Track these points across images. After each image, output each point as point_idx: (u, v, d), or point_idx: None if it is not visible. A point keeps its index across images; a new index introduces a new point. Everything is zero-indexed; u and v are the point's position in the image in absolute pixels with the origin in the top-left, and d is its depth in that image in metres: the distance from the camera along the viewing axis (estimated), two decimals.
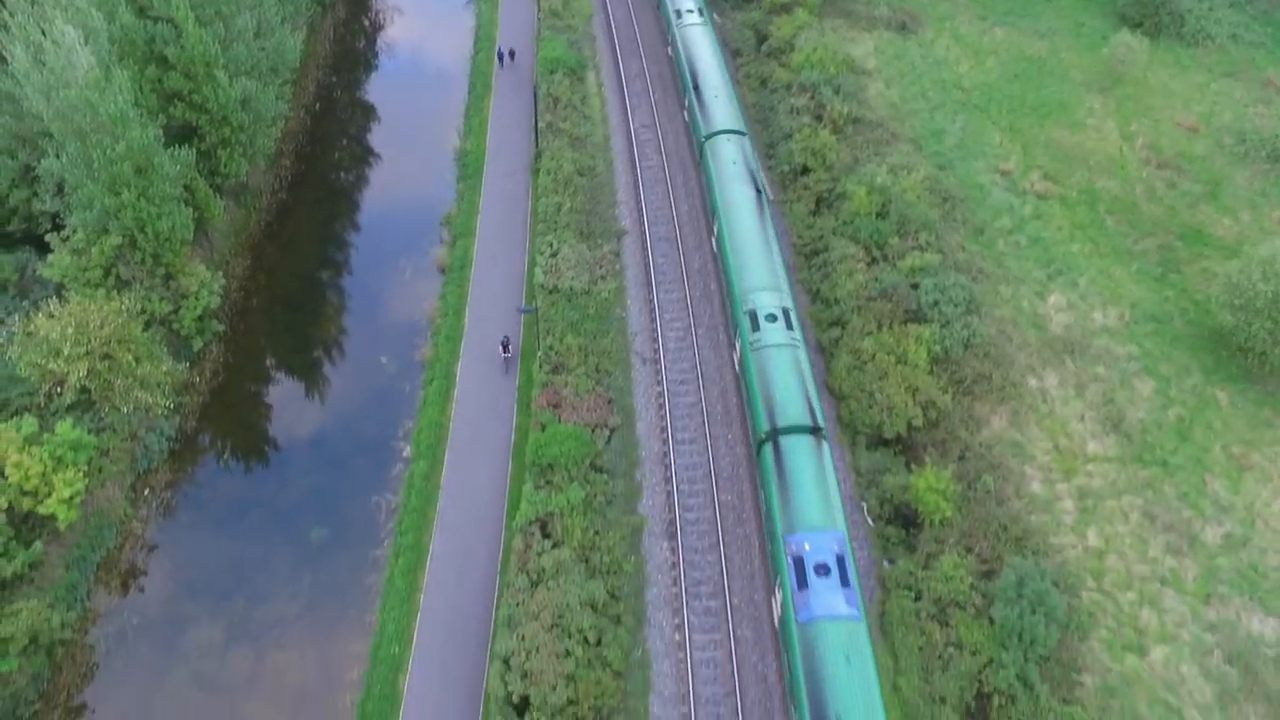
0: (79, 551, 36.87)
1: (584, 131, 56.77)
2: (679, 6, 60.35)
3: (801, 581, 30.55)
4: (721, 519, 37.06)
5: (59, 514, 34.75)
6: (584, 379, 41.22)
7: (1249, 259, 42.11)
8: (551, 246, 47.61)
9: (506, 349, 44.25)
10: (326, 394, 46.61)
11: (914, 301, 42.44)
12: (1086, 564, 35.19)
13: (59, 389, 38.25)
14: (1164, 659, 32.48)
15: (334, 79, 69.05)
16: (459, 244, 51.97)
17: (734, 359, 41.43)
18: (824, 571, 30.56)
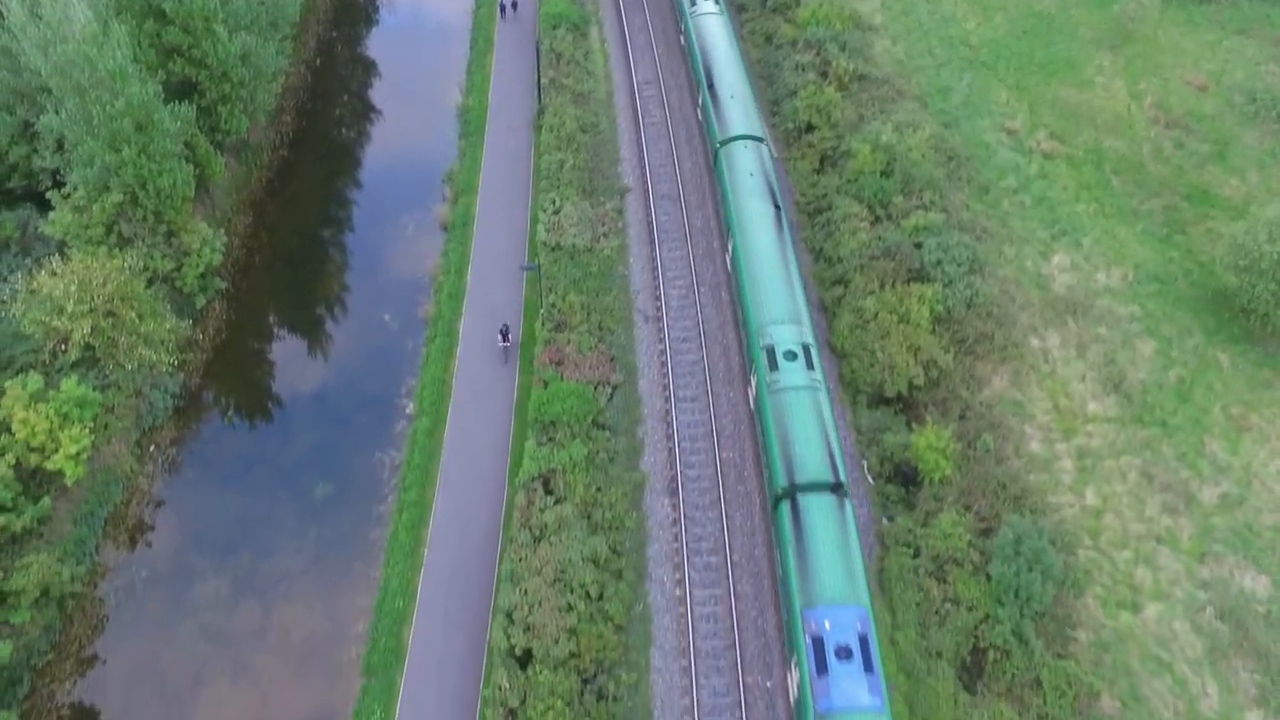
0: (87, 507, 37.34)
1: (587, 87, 56.25)
2: None
3: (821, 665, 28.27)
4: (723, 476, 37.39)
5: (66, 470, 35.14)
6: (586, 336, 41.34)
7: (1255, 220, 41.95)
8: (554, 204, 47.45)
9: (506, 337, 42.62)
10: (329, 351, 46.77)
11: (917, 261, 42.34)
12: (1084, 522, 35.55)
13: (63, 346, 38.45)
14: (1157, 615, 32.93)
15: (334, 34, 68.26)
16: (461, 201, 51.77)
17: (749, 397, 38.70)
18: (846, 655, 28.36)
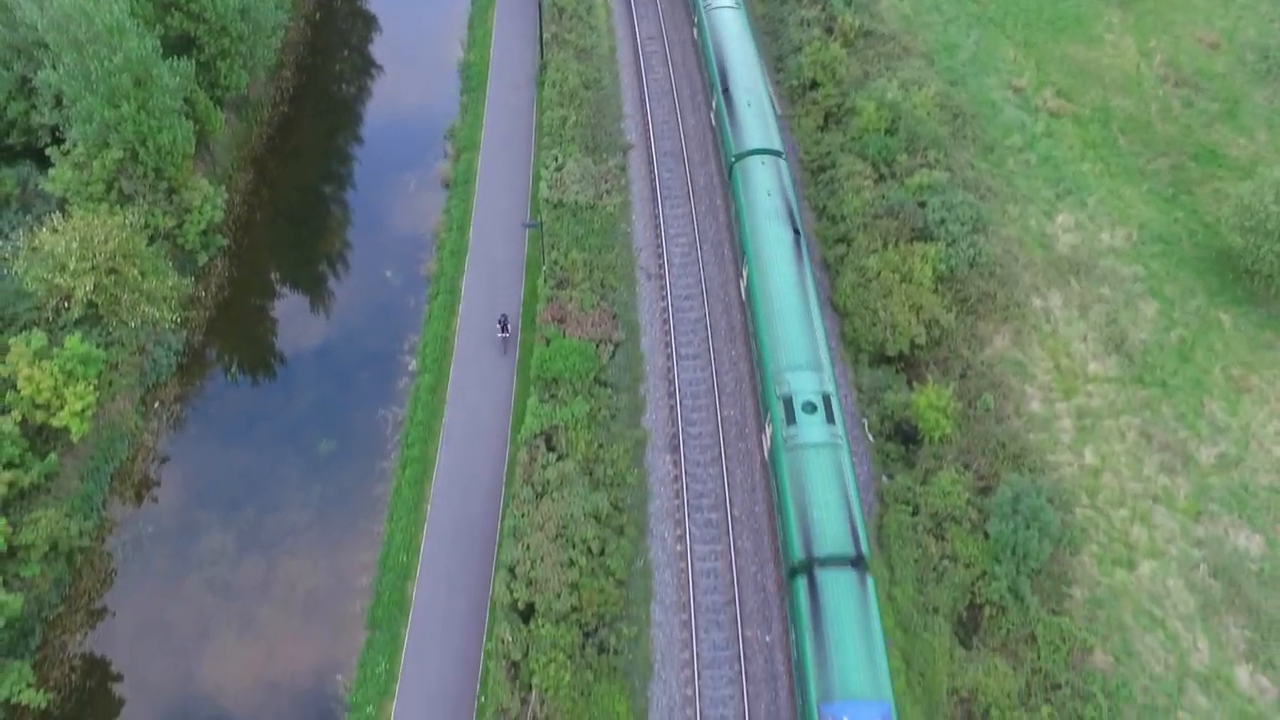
0: (93, 463, 37.69)
1: (589, 43, 55.61)
2: None
3: None
4: (724, 433, 37.58)
5: (71, 426, 35.43)
6: (589, 294, 41.32)
7: (1262, 180, 41.63)
8: (556, 160, 47.15)
9: (505, 328, 41.42)
10: (331, 308, 46.80)
11: (921, 219, 42.14)
12: (1082, 481, 35.78)
13: (66, 304, 38.52)
14: (1151, 573, 33.28)
15: None
16: (463, 158, 51.43)
17: (763, 448, 36.09)
18: None
